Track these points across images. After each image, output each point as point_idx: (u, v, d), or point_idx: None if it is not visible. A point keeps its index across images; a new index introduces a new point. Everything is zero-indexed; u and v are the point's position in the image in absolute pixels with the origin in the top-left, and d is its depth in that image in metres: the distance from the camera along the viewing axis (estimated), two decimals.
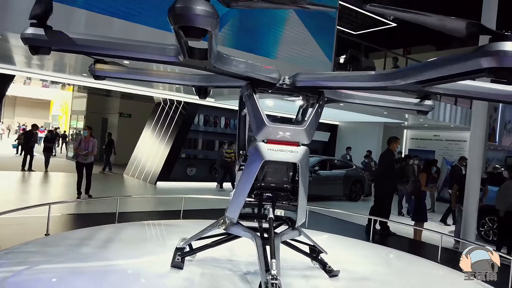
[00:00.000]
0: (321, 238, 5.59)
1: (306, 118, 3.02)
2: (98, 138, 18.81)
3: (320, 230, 6.18)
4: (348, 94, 3.50)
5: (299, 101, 3.79)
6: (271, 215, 3.13)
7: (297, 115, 3.64)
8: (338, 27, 10.82)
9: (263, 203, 3.28)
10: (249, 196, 3.14)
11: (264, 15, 8.98)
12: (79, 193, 8.82)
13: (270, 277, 2.54)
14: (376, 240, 6.75)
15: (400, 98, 3.46)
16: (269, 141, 2.87)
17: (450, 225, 9.47)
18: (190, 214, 6.98)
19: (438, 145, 15.50)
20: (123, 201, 6.38)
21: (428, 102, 3.38)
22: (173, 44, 2.36)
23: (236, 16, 8.48)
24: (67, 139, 21.95)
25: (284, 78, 3.08)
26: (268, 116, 2.96)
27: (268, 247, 2.87)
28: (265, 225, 3.26)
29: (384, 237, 6.66)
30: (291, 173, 3.31)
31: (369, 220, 7.52)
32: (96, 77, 3.39)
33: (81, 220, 6.66)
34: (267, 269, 2.68)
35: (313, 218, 6.41)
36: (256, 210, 3.39)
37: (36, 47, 2.26)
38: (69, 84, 15.85)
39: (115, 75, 3.71)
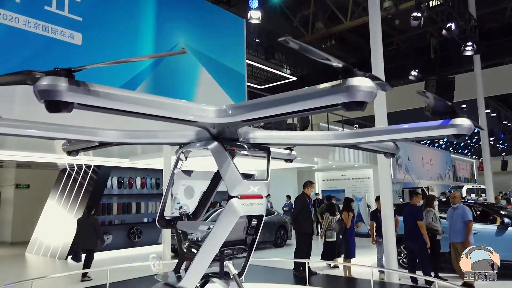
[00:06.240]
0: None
1: (266, 173, 3.20)
2: None
3: (252, 281, 6.10)
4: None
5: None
6: (234, 271, 3.08)
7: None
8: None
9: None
10: None
11: (178, 74, 9.18)
12: None
13: None
14: (310, 282, 6.89)
15: (278, 150, 4.03)
16: (242, 197, 2.93)
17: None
18: (118, 287, 6.42)
19: (347, 184, 16.77)
20: (35, 284, 5.58)
21: (293, 153, 4.13)
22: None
23: (151, 76, 8.53)
24: None
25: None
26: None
27: None
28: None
29: (308, 277, 6.85)
30: (247, 226, 3.35)
31: (297, 263, 7.71)
32: None
33: None
34: None
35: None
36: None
37: (57, 102, 1.80)
38: None
39: (14, 132, 2.89)
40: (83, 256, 8.52)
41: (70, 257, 9.60)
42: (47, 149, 10.04)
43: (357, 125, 18.37)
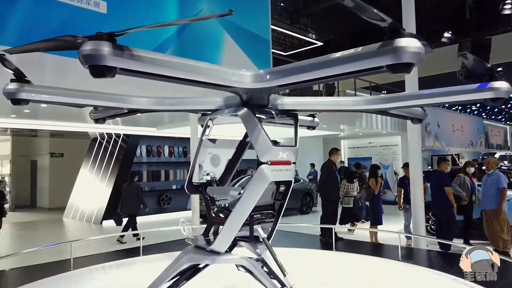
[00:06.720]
0: (286, 252, 5.65)
1: (294, 139, 3.19)
2: (27, 182, 17.43)
3: (280, 246, 6.21)
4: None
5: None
6: (264, 235, 3.14)
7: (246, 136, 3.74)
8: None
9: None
10: None
11: (202, 41, 9.09)
12: None
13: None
14: (337, 247, 6.97)
15: (300, 117, 3.79)
16: (272, 163, 2.94)
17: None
18: (150, 249, 6.72)
19: (374, 151, 16.55)
20: (74, 245, 5.91)
21: (316, 119, 4.08)
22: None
23: (176, 43, 8.49)
24: None
25: None
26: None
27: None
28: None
29: (335, 243, 6.95)
30: (276, 191, 3.37)
31: (324, 229, 7.78)
32: (17, 102, 2.73)
33: (31, 273, 6.02)
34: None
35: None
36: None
37: (101, 67, 1.81)
38: None
39: (46, 99, 2.96)
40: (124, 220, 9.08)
41: (112, 220, 10.17)
42: (78, 119, 10.33)
43: (385, 91, 17.87)
